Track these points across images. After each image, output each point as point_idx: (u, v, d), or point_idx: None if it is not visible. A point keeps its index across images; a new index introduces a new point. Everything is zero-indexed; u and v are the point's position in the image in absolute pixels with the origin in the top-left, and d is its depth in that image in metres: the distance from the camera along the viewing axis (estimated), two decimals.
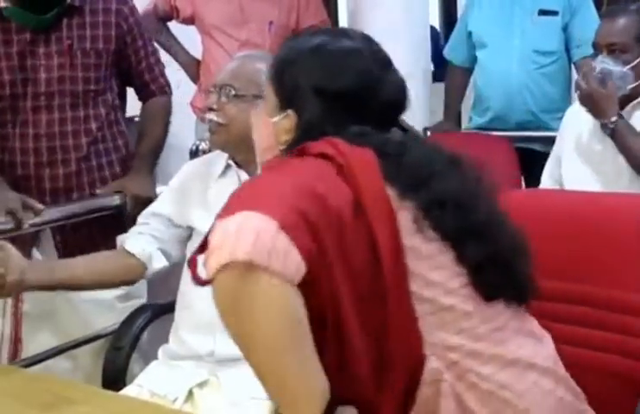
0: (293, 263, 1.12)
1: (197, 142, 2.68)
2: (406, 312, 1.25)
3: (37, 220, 2.33)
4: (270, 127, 1.46)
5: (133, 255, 2.15)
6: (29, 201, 2.31)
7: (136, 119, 2.79)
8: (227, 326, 1.19)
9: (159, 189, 2.54)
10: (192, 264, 1.26)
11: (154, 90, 2.69)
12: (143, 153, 2.63)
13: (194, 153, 2.63)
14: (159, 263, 2.18)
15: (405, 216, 1.27)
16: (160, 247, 2.18)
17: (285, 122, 1.43)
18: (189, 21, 3.73)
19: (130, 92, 2.80)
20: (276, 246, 1.11)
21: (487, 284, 1.33)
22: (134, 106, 2.81)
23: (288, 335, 1.13)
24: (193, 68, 3.85)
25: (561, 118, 2.90)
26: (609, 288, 1.69)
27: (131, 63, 2.61)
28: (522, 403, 1.32)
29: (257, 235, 1.11)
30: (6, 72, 2.40)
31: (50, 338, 2.38)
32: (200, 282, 1.22)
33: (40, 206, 2.31)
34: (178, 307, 2.15)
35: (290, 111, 1.42)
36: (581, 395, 1.47)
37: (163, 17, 3.80)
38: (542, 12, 3.65)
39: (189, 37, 3.88)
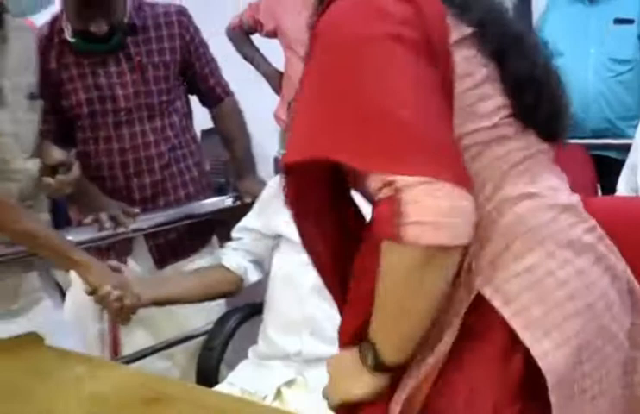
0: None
1: (283, 152, 2.74)
2: None
3: (143, 224, 2.45)
4: None
5: (230, 270, 2.26)
6: (127, 208, 2.41)
7: None
8: None
9: None
10: (379, 216, 1.13)
11: (220, 93, 2.72)
12: (243, 155, 2.72)
13: (279, 162, 2.71)
14: (254, 276, 2.29)
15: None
16: (253, 259, 2.29)
17: None
18: (272, 34, 3.84)
19: None
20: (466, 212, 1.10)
21: (526, 105, 1.27)
22: None
23: None
24: (276, 80, 3.95)
25: (636, 126, 2.88)
26: None
27: (196, 70, 2.65)
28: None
29: (468, 217, 1.09)
30: (82, 92, 2.46)
31: (147, 339, 2.48)
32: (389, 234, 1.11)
33: (136, 211, 2.42)
34: (266, 309, 2.23)
35: None
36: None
37: (247, 31, 3.93)
38: (618, 21, 3.62)
39: (272, 50, 4.00)
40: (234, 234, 2.34)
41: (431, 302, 1.14)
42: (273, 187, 2.32)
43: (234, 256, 2.29)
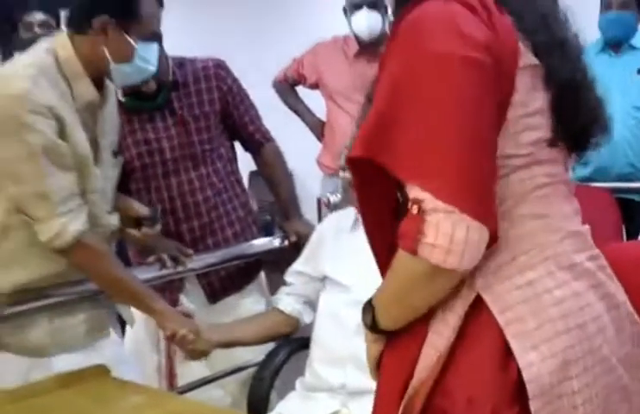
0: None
1: (329, 195, 2.80)
2: None
3: (197, 264, 2.51)
4: None
5: (287, 314, 2.32)
6: (183, 249, 2.48)
7: None
8: None
9: None
10: (404, 229, 1.20)
11: (260, 139, 2.74)
12: (287, 198, 2.76)
13: (326, 205, 2.77)
14: (308, 317, 2.34)
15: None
16: (306, 301, 2.35)
17: None
18: (314, 86, 3.94)
19: None
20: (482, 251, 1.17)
21: (567, 108, 1.29)
22: None
23: None
24: (318, 128, 4.03)
25: None
26: None
27: (235, 119, 2.68)
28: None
29: (477, 250, 1.16)
30: (133, 147, 2.53)
31: (201, 370, 2.52)
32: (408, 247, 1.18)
33: (190, 251, 2.48)
34: (313, 344, 2.27)
35: None
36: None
37: (292, 83, 4.02)
38: None
39: (313, 100, 4.08)
40: (286, 278, 2.40)
41: (424, 305, 1.24)
42: (320, 233, 2.38)
43: (288, 300, 2.35)
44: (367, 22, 3.63)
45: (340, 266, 2.22)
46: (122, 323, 2.75)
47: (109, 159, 2.16)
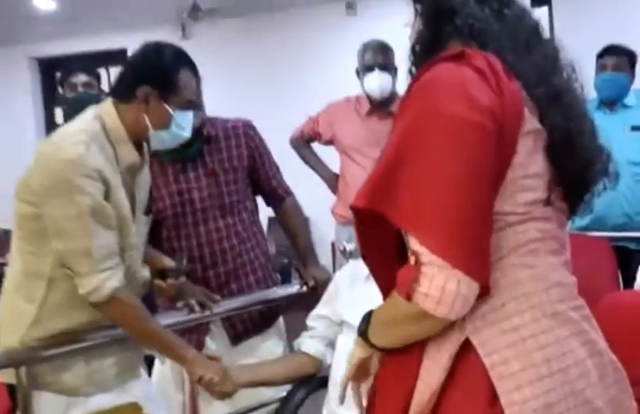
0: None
1: (345, 243, 2.85)
2: None
3: (222, 308, 2.54)
4: (409, 32, 1.49)
5: (311, 356, 2.34)
6: (210, 294, 2.51)
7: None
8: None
9: None
10: (401, 278, 1.26)
11: (281, 193, 2.80)
12: (305, 247, 2.81)
13: (342, 253, 2.81)
14: (330, 358, 2.34)
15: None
16: (328, 343, 2.36)
17: (418, 20, 1.46)
18: (329, 142, 4.00)
19: None
20: (471, 303, 1.22)
21: (560, 154, 1.31)
22: None
23: None
24: (332, 181, 4.08)
25: None
26: None
27: (260, 174, 2.74)
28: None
29: (466, 302, 1.21)
30: (167, 198, 2.58)
31: (224, 407, 2.50)
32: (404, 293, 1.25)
33: (217, 297, 2.51)
34: (330, 383, 2.29)
35: (417, 5, 1.46)
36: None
37: (308, 140, 4.09)
38: (634, 128, 3.72)
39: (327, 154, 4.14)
40: (308, 322, 2.42)
41: (410, 339, 1.30)
42: (337, 280, 2.41)
43: (312, 343, 2.36)
44: (379, 83, 3.69)
45: (356, 311, 2.23)
46: (149, 363, 2.79)
47: (141, 217, 2.21)
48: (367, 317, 1.42)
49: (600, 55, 3.87)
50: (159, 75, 2.08)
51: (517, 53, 1.33)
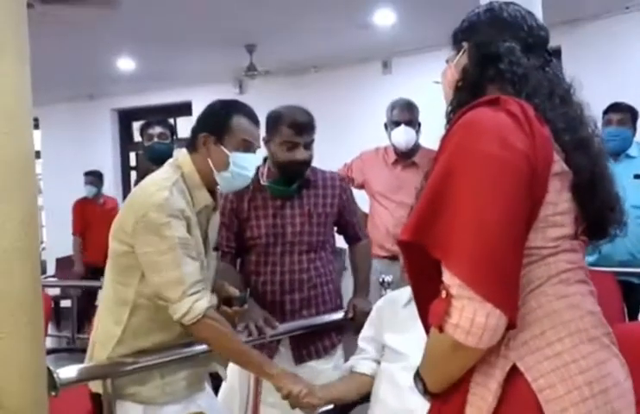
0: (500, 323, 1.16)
1: (384, 276, 2.87)
2: None
3: (279, 330, 2.53)
4: (452, 69, 1.45)
5: (366, 374, 2.31)
6: (270, 319, 2.51)
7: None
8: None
9: None
10: (434, 310, 1.22)
11: (359, 235, 2.85)
12: (361, 281, 2.82)
13: (381, 284, 2.83)
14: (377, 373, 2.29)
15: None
16: (378, 361, 2.31)
17: (463, 58, 1.42)
18: (360, 187, 4.00)
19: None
20: (500, 333, 1.18)
21: (584, 194, 1.28)
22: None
23: None
24: (362, 220, 4.07)
25: None
26: None
27: (347, 221, 2.79)
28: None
29: (494, 333, 1.16)
30: (263, 227, 2.61)
31: None
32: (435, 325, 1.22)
33: (276, 323, 2.50)
34: (373, 399, 2.25)
35: (464, 43, 1.42)
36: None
37: None
38: (636, 176, 3.69)
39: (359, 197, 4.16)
40: (360, 344, 2.39)
41: (454, 374, 1.25)
42: (379, 307, 2.40)
43: (367, 363, 2.33)
44: (405, 137, 3.74)
45: (396, 335, 2.25)
46: (212, 379, 2.82)
47: (211, 253, 2.26)
48: (418, 376, 1.36)
49: (606, 111, 3.86)
50: (213, 120, 2.14)
51: (551, 103, 1.31)
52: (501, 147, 1.18)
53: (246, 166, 2.17)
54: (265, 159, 2.68)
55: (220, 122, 2.13)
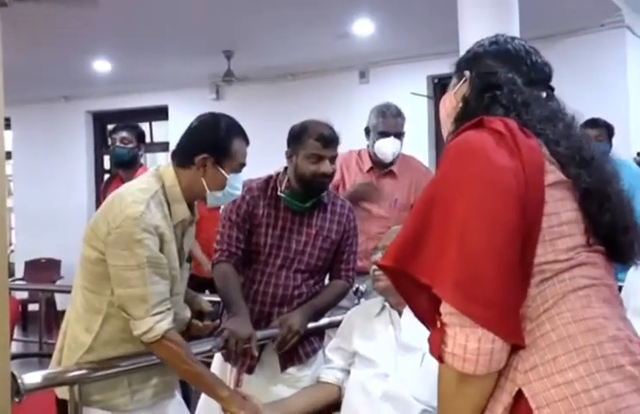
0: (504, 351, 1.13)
1: (357, 285, 2.84)
2: None
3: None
4: (451, 97, 1.43)
5: (330, 383, 2.30)
6: (254, 345, 2.36)
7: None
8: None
9: None
10: (432, 340, 1.21)
11: (342, 274, 2.71)
12: (314, 303, 2.66)
13: (354, 293, 2.81)
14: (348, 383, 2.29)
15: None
16: (344, 370, 2.32)
17: (464, 86, 1.40)
18: (336, 188, 3.86)
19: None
20: (500, 357, 1.14)
21: (592, 212, 1.23)
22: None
23: None
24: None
25: None
26: None
27: (342, 251, 2.69)
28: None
29: (491, 356, 1.12)
30: (270, 238, 2.59)
31: None
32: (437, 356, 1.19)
33: (255, 353, 2.37)
34: (343, 407, 2.26)
35: (466, 72, 1.40)
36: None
37: None
38: None
39: None
40: (327, 354, 2.40)
41: (462, 409, 1.18)
42: (351, 317, 2.41)
43: (331, 372, 2.34)
44: (392, 149, 3.53)
45: (367, 343, 2.26)
46: (183, 386, 2.78)
47: (185, 264, 2.24)
48: None
49: (583, 127, 3.88)
50: (215, 143, 2.13)
51: (554, 130, 1.27)
52: (485, 166, 1.16)
53: (238, 186, 2.20)
54: (285, 169, 2.66)
55: (221, 146, 2.13)
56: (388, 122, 3.57)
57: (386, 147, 3.55)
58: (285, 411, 2.30)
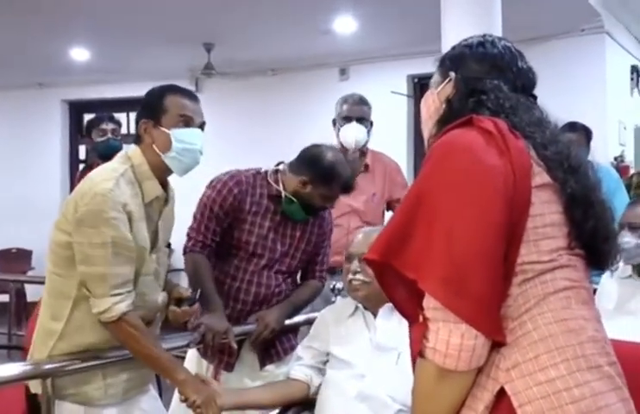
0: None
1: (334, 283, 2.85)
2: None
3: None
4: (434, 96, 1.42)
5: (298, 379, 2.29)
6: (232, 339, 2.41)
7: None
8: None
9: None
10: (414, 336, 1.23)
11: (317, 275, 2.76)
12: (291, 300, 2.69)
13: (331, 290, 2.81)
14: (318, 379, 2.29)
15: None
16: (314, 367, 2.31)
17: (448, 87, 1.39)
18: None
19: None
20: (481, 353, 1.15)
21: (576, 219, 1.24)
22: None
23: None
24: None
25: None
26: None
27: (318, 253, 2.73)
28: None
29: (472, 353, 1.14)
30: (255, 236, 2.56)
31: None
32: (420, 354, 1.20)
33: (235, 346, 2.43)
34: (317, 407, 2.24)
35: (452, 73, 1.39)
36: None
37: None
38: None
39: None
40: (298, 351, 2.40)
41: (441, 409, 1.19)
42: (324, 316, 2.40)
43: (300, 368, 2.32)
44: (355, 134, 3.44)
45: (342, 345, 2.26)
46: (158, 380, 2.77)
47: (162, 248, 2.22)
48: None
49: (561, 130, 3.91)
50: (148, 106, 2.14)
51: (542, 134, 1.29)
52: (472, 163, 1.17)
53: (190, 140, 2.13)
54: (276, 171, 2.64)
55: (154, 104, 2.13)
56: (351, 108, 3.50)
57: (349, 133, 3.45)
58: (245, 400, 2.27)
